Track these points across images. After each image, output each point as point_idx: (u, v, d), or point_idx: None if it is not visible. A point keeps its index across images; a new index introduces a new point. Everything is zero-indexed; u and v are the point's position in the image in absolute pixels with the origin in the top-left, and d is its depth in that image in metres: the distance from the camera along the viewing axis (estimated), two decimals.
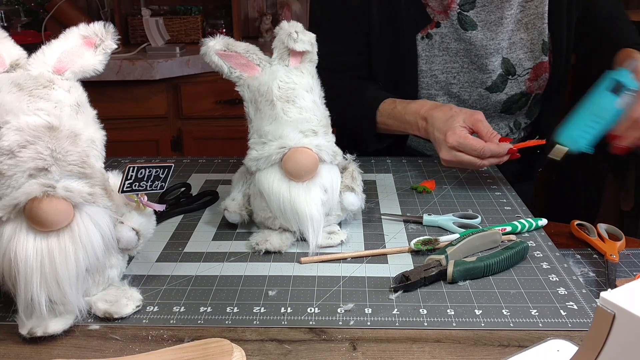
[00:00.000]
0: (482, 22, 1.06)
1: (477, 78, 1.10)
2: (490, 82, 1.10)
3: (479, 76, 1.10)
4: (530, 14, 1.08)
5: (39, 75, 0.59)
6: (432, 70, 1.10)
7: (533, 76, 1.13)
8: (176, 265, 0.72)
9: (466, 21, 1.05)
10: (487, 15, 1.06)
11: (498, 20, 1.06)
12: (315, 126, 0.74)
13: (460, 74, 1.10)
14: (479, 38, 1.06)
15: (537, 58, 1.11)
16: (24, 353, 0.56)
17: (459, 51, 1.08)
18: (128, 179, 0.62)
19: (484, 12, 1.06)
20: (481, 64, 1.09)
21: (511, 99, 1.14)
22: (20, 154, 0.54)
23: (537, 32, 1.09)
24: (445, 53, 1.09)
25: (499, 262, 0.69)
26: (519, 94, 1.13)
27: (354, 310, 0.62)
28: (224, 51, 0.74)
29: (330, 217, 0.78)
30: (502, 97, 1.12)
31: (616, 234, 0.80)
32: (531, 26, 1.09)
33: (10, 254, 0.54)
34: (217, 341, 0.54)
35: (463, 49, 1.08)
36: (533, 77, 1.13)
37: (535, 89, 1.15)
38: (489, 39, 1.07)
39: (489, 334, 0.59)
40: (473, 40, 1.06)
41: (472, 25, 1.05)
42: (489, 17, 1.06)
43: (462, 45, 1.08)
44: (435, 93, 1.12)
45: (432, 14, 1.07)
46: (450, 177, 1.01)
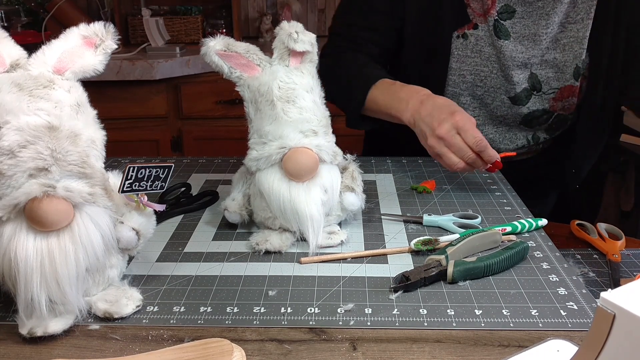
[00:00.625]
0: (516, 34, 1.06)
1: (503, 85, 1.10)
2: (513, 93, 1.10)
3: (504, 84, 1.10)
4: (570, 35, 1.06)
5: (39, 75, 0.59)
6: (461, 69, 1.09)
7: (559, 96, 1.11)
8: (176, 265, 0.72)
9: (501, 29, 1.05)
10: (523, 28, 1.05)
11: (531, 36, 1.05)
12: (315, 126, 0.74)
13: (487, 79, 1.10)
14: (509, 49, 1.06)
15: (567, 80, 1.09)
16: (24, 353, 0.56)
17: (490, 56, 1.08)
18: (128, 179, 0.62)
19: (519, 25, 1.05)
20: (508, 74, 1.08)
21: (532, 114, 1.12)
22: (21, 154, 0.54)
23: (572, 55, 1.07)
24: (478, 55, 1.08)
25: (499, 262, 0.69)
26: (541, 111, 1.12)
27: (354, 310, 0.62)
28: (224, 51, 0.74)
29: (330, 217, 0.78)
30: (523, 110, 1.11)
31: (616, 234, 0.80)
32: (568, 48, 1.07)
33: (10, 254, 0.54)
34: (217, 341, 0.54)
35: (495, 55, 1.08)
36: (558, 98, 1.11)
37: (559, 109, 1.13)
38: (519, 51, 1.06)
39: (489, 334, 0.59)
40: (503, 50, 1.06)
41: (506, 34, 1.05)
42: (524, 31, 1.06)
43: (494, 52, 1.08)
44: (460, 92, 1.12)
45: (472, 15, 1.07)
46: (450, 177, 1.01)
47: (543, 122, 1.14)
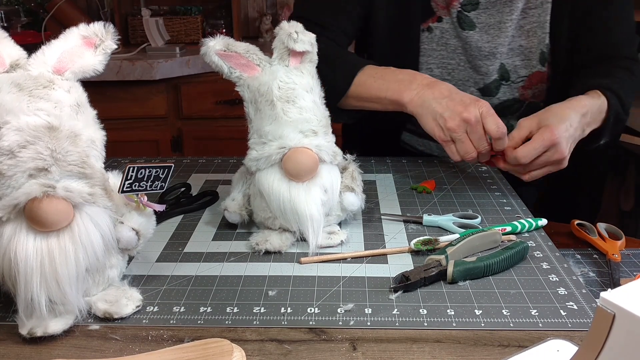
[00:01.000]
0: (481, 24, 1.06)
1: (471, 77, 1.10)
2: (482, 84, 1.10)
3: (473, 76, 1.10)
4: (532, 21, 1.07)
5: (39, 75, 0.59)
6: (428, 63, 1.09)
7: (528, 84, 1.11)
8: (176, 265, 0.72)
9: (465, 21, 1.05)
10: (487, 18, 1.06)
11: (497, 24, 1.06)
12: (315, 126, 0.74)
13: (455, 71, 1.10)
14: (474, 39, 1.06)
15: (534, 67, 1.09)
16: (24, 353, 0.56)
17: (456, 48, 1.08)
18: (128, 179, 0.62)
19: (485, 15, 1.05)
20: (476, 64, 1.08)
21: (504, 104, 1.12)
22: (20, 154, 0.54)
23: (536, 41, 1.07)
24: (444, 48, 1.08)
25: (499, 262, 0.69)
26: (512, 100, 1.12)
27: (354, 310, 0.62)
28: (224, 51, 0.74)
29: (330, 217, 0.78)
30: (494, 101, 1.11)
31: (616, 234, 0.80)
32: (532, 34, 1.07)
33: (10, 254, 0.54)
34: (217, 341, 0.54)
35: (461, 47, 1.08)
36: (527, 85, 1.11)
37: (530, 97, 1.13)
38: (485, 41, 1.06)
39: (489, 334, 0.59)
40: (469, 41, 1.06)
41: (471, 25, 1.05)
42: (489, 20, 1.06)
43: (460, 43, 1.08)
44: None
45: (436, 8, 1.07)
46: (450, 177, 1.01)
47: (515, 110, 1.14)
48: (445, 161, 1.09)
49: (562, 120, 0.85)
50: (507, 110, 1.14)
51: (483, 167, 1.06)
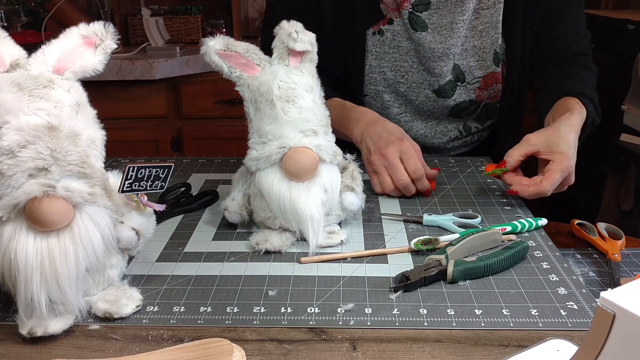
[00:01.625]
0: (433, 25, 1.05)
1: (425, 80, 1.10)
2: (437, 86, 1.10)
3: (427, 78, 1.09)
4: (485, 21, 1.07)
5: (39, 75, 0.59)
6: (381, 66, 1.09)
7: (483, 85, 1.11)
8: (176, 265, 0.72)
9: (417, 22, 1.05)
10: (439, 18, 1.05)
11: (449, 25, 1.05)
12: (315, 126, 0.74)
13: (408, 74, 1.10)
14: (427, 40, 1.06)
15: (488, 68, 1.10)
16: (24, 353, 0.56)
17: (409, 51, 1.08)
18: (128, 179, 0.62)
19: (436, 15, 1.05)
20: (429, 66, 1.08)
21: (459, 105, 1.12)
22: (20, 153, 0.54)
23: (489, 41, 1.08)
24: (396, 51, 1.08)
25: (499, 262, 0.69)
26: (468, 102, 1.12)
27: (354, 310, 0.62)
28: (224, 51, 0.74)
29: (330, 217, 0.78)
30: (450, 103, 1.12)
31: (616, 233, 0.80)
32: (485, 34, 1.07)
33: (10, 254, 0.54)
34: (217, 341, 0.54)
35: (413, 49, 1.07)
36: (483, 87, 1.11)
37: (486, 98, 1.13)
38: (437, 42, 1.06)
39: (489, 334, 0.59)
40: (422, 42, 1.06)
41: (423, 26, 1.05)
42: (441, 21, 1.05)
43: (412, 45, 1.07)
44: (383, 90, 1.11)
45: (386, 11, 1.06)
46: (450, 177, 1.01)
47: (471, 112, 1.14)
48: (446, 161, 1.09)
49: (570, 146, 0.88)
50: (464, 112, 1.14)
51: (483, 167, 1.06)
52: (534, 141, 0.89)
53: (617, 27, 1.80)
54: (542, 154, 0.88)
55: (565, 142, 0.88)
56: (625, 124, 1.68)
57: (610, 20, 1.84)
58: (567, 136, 0.89)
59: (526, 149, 0.88)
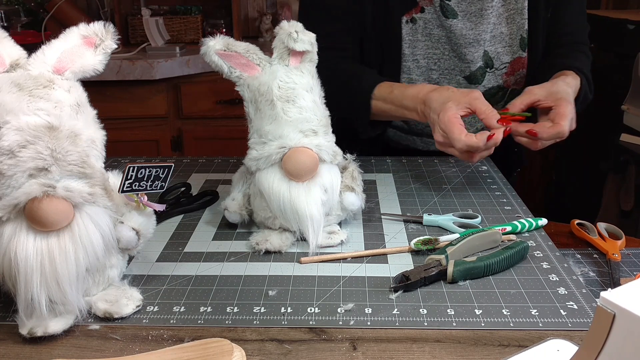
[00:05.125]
0: (462, 12, 1.08)
1: (457, 66, 1.11)
2: (468, 72, 1.12)
3: (458, 64, 1.11)
4: (511, 8, 1.10)
5: (39, 75, 0.59)
6: (414, 54, 1.10)
7: (510, 71, 1.14)
8: (176, 265, 0.72)
9: (447, 9, 1.07)
10: (468, 6, 1.07)
11: (478, 12, 1.08)
12: (315, 126, 0.74)
13: (440, 61, 1.11)
14: (458, 27, 1.08)
15: (515, 53, 1.12)
16: (24, 353, 0.56)
17: (440, 38, 1.09)
18: (128, 179, 0.62)
19: (465, 3, 1.07)
20: (461, 52, 1.10)
21: (488, 92, 1.14)
22: (20, 154, 0.54)
23: (516, 27, 1.11)
24: (428, 39, 1.09)
25: (499, 262, 0.69)
26: (496, 88, 1.15)
27: (354, 310, 0.62)
28: (224, 51, 0.74)
29: (330, 217, 0.78)
30: (480, 89, 1.11)
31: (616, 233, 0.80)
32: (511, 20, 1.11)
33: (10, 254, 0.54)
34: (217, 341, 0.54)
35: (445, 36, 1.09)
36: (510, 72, 1.14)
37: (512, 84, 1.15)
38: (468, 28, 1.08)
39: (489, 334, 0.59)
40: (453, 29, 1.08)
41: (453, 13, 1.07)
42: (470, 8, 1.08)
43: (443, 33, 1.09)
44: (416, 78, 1.12)
45: None
46: (450, 177, 1.01)
47: (499, 99, 1.16)
48: (445, 161, 1.09)
49: (569, 95, 0.92)
50: (492, 99, 1.15)
51: (483, 167, 1.06)
52: (535, 91, 0.92)
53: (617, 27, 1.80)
54: (544, 103, 0.91)
55: (565, 92, 0.92)
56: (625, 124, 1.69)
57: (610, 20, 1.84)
58: (566, 89, 0.93)
59: (529, 98, 0.92)
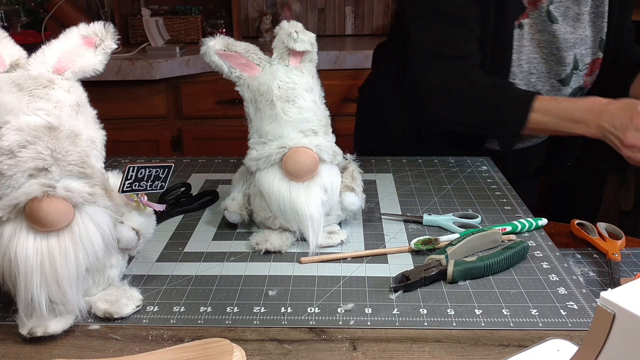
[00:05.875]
0: (561, 17, 1.09)
1: (553, 69, 1.12)
2: (564, 75, 1.12)
3: (554, 68, 1.12)
4: (594, 11, 1.11)
5: (39, 75, 0.59)
6: (519, 59, 1.10)
7: (589, 72, 1.15)
8: (176, 265, 0.72)
9: (551, 14, 1.07)
10: (566, 10, 1.08)
11: (575, 16, 1.09)
12: (315, 126, 0.74)
13: (540, 65, 1.11)
14: (561, 31, 1.08)
15: (595, 54, 1.14)
16: (24, 353, 0.56)
17: (540, 42, 1.10)
18: (128, 179, 0.62)
19: (562, 7, 1.08)
20: (560, 56, 1.10)
21: (572, 93, 1.16)
22: (20, 154, 0.54)
23: (596, 30, 1.12)
24: (530, 43, 1.10)
25: (499, 262, 0.69)
26: (577, 88, 1.16)
27: (354, 310, 0.62)
28: (224, 51, 0.74)
29: (330, 217, 0.78)
30: (568, 91, 1.14)
31: (616, 233, 0.80)
32: (592, 24, 1.12)
33: (10, 254, 0.54)
34: (217, 341, 0.54)
35: (545, 41, 1.09)
36: (589, 73, 1.15)
37: (589, 85, 1.17)
38: (569, 32, 1.09)
39: (489, 333, 0.59)
40: (557, 33, 1.08)
41: (555, 18, 1.08)
42: (567, 12, 1.09)
43: (544, 37, 1.09)
44: (517, 83, 1.12)
45: (526, 4, 1.07)
46: (450, 177, 1.01)
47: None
48: (445, 161, 1.09)
49: None
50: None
51: (483, 167, 1.06)
52: None
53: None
54: None
55: None
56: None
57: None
58: None
59: None
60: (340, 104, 2.06)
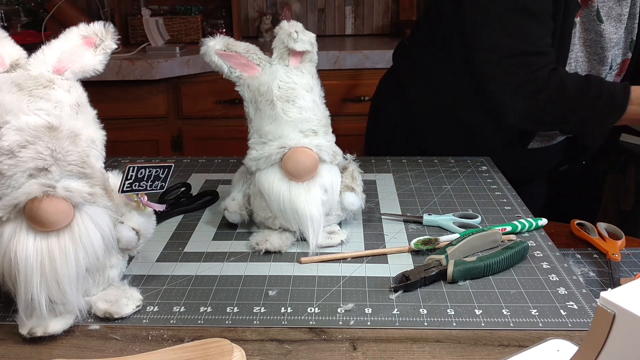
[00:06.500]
0: (606, 17, 1.09)
1: (594, 68, 1.12)
2: (604, 74, 1.12)
3: (596, 67, 1.12)
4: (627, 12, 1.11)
5: (39, 75, 0.59)
6: (569, 57, 1.10)
7: (619, 71, 1.16)
8: (176, 265, 0.72)
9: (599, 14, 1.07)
10: (609, 10, 1.08)
11: (618, 17, 1.09)
12: (315, 126, 0.74)
13: (584, 64, 1.12)
14: (608, 31, 1.08)
15: (625, 55, 1.14)
16: (24, 353, 0.56)
17: (586, 41, 1.10)
18: (128, 179, 0.62)
19: (606, 7, 1.08)
20: (604, 56, 1.10)
21: None
22: (20, 154, 0.54)
23: (628, 31, 1.12)
24: (579, 42, 1.10)
25: (499, 262, 0.69)
26: None
27: (354, 310, 0.62)
28: (224, 51, 0.74)
29: (330, 217, 0.78)
30: None
31: (616, 233, 0.80)
32: (623, 25, 1.12)
33: (10, 254, 0.54)
34: (217, 341, 0.54)
35: (590, 40, 1.10)
36: (619, 73, 1.16)
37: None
38: (613, 32, 1.10)
39: (489, 334, 0.59)
40: (604, 33, 1.08)
41: (601, 18, 1.07)
42: (611, 12, 1.09)
43: (590, 36, 1.09)
44: None
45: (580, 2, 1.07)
46: (450, 177, 1.01)
47: None
48: (445, 161, 1.09)
49: None
50: None
51: (483, 167, 1.06)
52: None
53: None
54: None
55: None
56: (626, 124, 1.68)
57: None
58: None
59: None
60: (340, 104, 2.06)
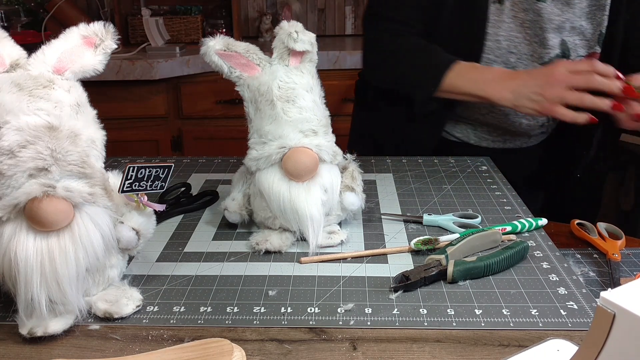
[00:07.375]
0: None
1: (536, 52, 1.11)
2: (547, 59, 1.12)
3: (537, 50, 1.11)
4: (594, 3, 1.10)
5: (39, 75, 0.59)
6: (497, 34, 1.10)
7: None
8: (176, 265, 0.72)
9: None
10: None
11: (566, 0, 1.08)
12: (315, 126, 0.74)
13: (521, 45, 1.11)
14: (547, 11, 1.08)
15: (592, 48, 1.13)
16: (24, 353, 0.56)
17: (524, 22, 1.09)
18: (128, 179, 0.62)
19: None
20: (543, 37, 1.10)
21: None
22: (20, 154, 0.54)
23: (596, 23, 1.11)
24: (512, 21, 1.09)
25: (499, 262, 0.69)
26: None
27: (354, 310, 0.62)
28: (224, 51, 0.74)
29: (330, 217, 0.78)
30: None
31: (616, 233, 0.80)
32: (592, 15, 1.11)
33: (10, 254, 0.54)
34: (217, 341, 0.54)
35: (529, 20, 1.09)
36: None
37: None
38: (555, 14, 1.09)
39: (489, 333, 0.59)
40: (542, 12, 1.08)
41: None
42: None
43: (529, 17, 1.09)
44: (494, 59, 1.12)
45: None
46: (450, 177, 1.01)
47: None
48: (445, 161, 1.09)
49: None
50: None
51: (483, 167, 1.06)
52: None
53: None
54: None
55: None
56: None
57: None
58: None
59: None
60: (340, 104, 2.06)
